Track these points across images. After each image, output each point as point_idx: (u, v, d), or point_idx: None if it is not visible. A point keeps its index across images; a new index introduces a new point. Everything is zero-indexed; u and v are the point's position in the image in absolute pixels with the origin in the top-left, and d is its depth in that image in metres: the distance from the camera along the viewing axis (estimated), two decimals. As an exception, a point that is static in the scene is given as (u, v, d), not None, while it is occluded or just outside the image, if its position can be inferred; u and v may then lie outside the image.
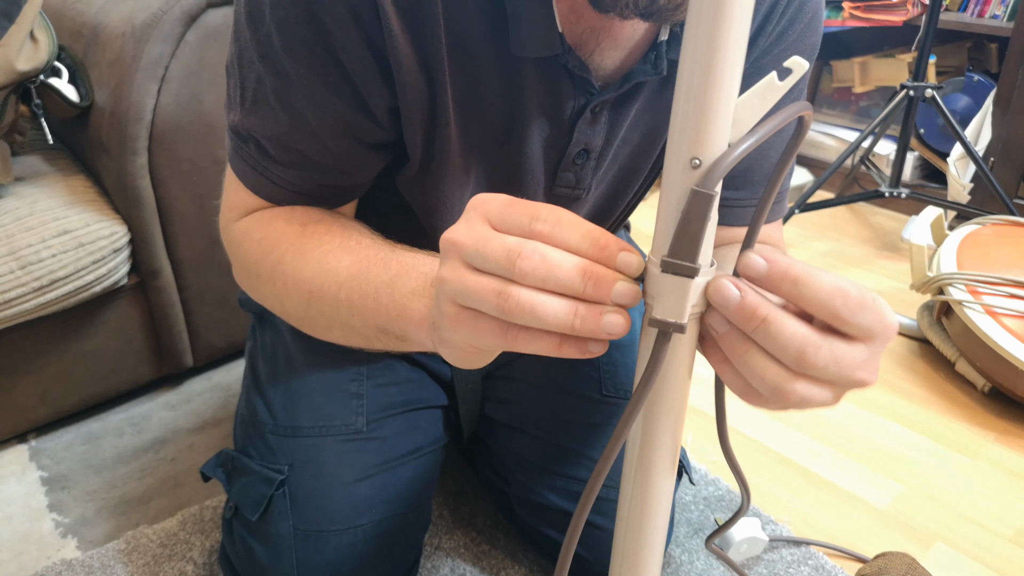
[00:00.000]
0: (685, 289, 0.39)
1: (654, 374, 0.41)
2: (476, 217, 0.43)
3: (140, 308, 1.21)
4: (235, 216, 0.72)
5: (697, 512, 1.07)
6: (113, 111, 1.08)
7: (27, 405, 1.16)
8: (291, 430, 0.83)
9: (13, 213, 1.07)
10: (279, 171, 0.67)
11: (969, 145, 1.80)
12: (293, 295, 0.66)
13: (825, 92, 2.50)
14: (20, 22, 1.03)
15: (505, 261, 0.40)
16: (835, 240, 2.02)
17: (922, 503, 1.12)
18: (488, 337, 0.43)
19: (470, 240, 0.42)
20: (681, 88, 0.38)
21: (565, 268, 0.39)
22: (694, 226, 0.37)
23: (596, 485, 0.43)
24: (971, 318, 1.31)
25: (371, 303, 0.59)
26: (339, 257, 0.63)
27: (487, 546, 1.00)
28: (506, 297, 0.40)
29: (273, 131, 0.65)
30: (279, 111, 0.64)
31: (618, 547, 0.53)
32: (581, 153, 0.70)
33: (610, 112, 0.68)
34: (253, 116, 0.65)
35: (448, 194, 0.72)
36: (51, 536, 1.02)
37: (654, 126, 0.72)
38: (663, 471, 0.48)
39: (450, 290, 0.43)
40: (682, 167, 0.38)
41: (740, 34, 0.36)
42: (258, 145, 0.67)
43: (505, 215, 0.42)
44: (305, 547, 0.78)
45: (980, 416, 1.31)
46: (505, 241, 0.40)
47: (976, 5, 2.06)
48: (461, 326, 0.44)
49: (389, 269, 0.58)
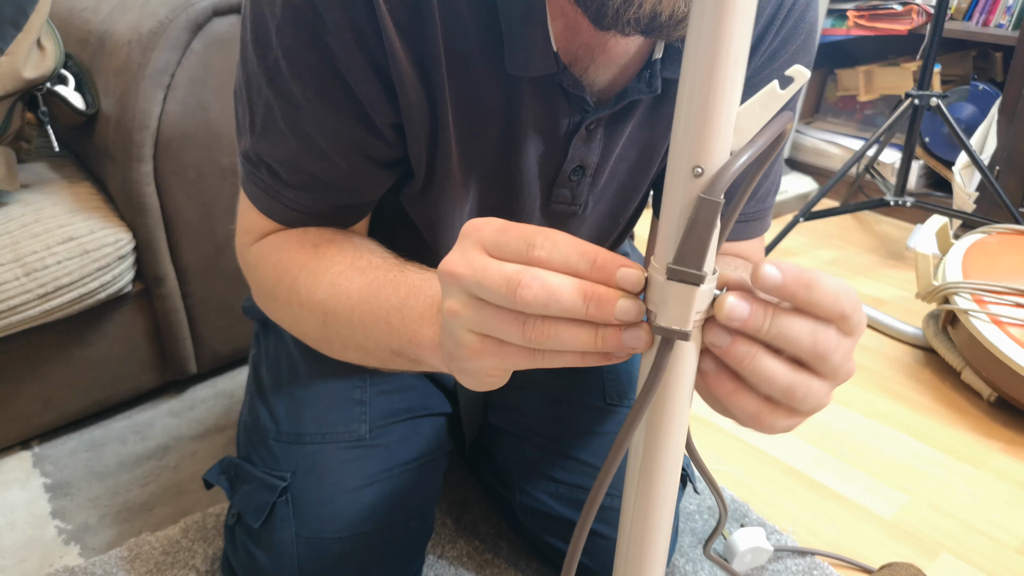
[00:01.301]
0: (691, 296, 0.39)
1: (656, 382, 0.41)
2: (471, 245, 0.43)
3: (144, 315, 1.21)
4: (250, 240, 0.73)
5: (701, 522, 1.06)
6: (119, 118, 1.09)
7: (31, 411, 1.16)
8: (294, 437, 0.83)
9: (19, 220, 1.07)
10: (291, 194, 0.68)
11: (974, 154, 1.80)
12: (309, 317, 0.66)
13: (830, 101, 2.50)
14: (27, 30, 1.03)
15: (506, 291, 0.40)
16: (840, 248, 2.02)
17: (928, 513, 1.11)
18: (515, 361, 0.43)
19: (468, 271, 0.42)
20: (683, 96, 0.38)
21: (566, 293, 0.39)
22: (701, 233, 0.37)
23: (599, 494, 0.43)
24: (977, 327, 1.31)
25: (383, 327, 0.59)
26: (350, 278, 0.63)
27: (490, 555, 1.00)
28: (532, 326, 0.41)
29: (284, 155, 0.66)
30: (290, 135, 0.65)
31: (620, 557, 0.52)
32: (577, 169, 0.70)
33: (605, 129, 0.68)
34: (264, 141, 0.66)
35: (448, 209, 0.73)
36: (54, 543, 1.02)
37: (651, 143, 0.72)
38: (666, 480, 0.47)
39: (467, 322, 0.43)
40: (685, 175, 0.38)
41: (742, 42, 0.36)
42: (270, 169, 0.67)
43: (501, 242, 0.42)
44: (308, 554, 0.78)
45: (986, 426, 1.31)
46: (503, 270, 0.40)
47: (981, 14, 2.06)
48: (486, 355, 0.44)
49: (399, 292, 0.59)
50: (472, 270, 0.41)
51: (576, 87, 0.63)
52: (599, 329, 0.40)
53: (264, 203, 0.70)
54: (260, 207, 0.71)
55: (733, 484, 1.15)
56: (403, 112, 0.64)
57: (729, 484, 1.14)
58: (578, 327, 0.40)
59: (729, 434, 1.26)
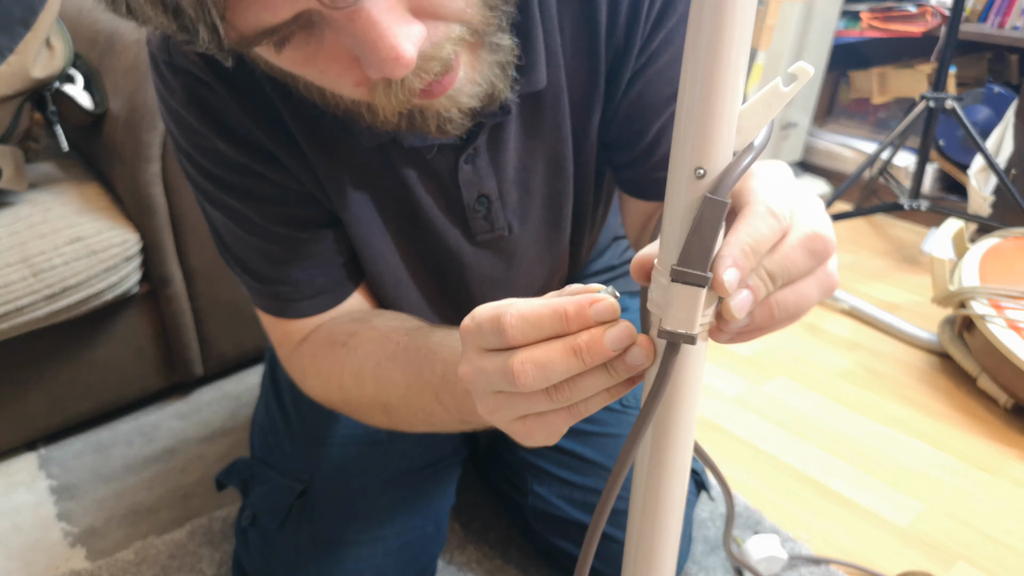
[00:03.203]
0: (696, 299, 0.38)
1: (663, 387, 0.40)
2: (468, 348, 0.44)
3: (151, 317, 1.20)
4: (287, 352, 0.75)
5: (714, 529, 1.05)
6: (127, 119, 1.08)
7: (37, 413, 1.15)
8: (313, 439, 0.83)
9: (27, 220, 1.07)
10: (287, 290, 0.70)
11: (990, 157, 1.78)
12: (370, 411, 0.68)
13: (843, 103, 2.48)
14: (36, 29, 1.03)
15: (508, 384, 0.41)
16: (853, 252, 2.00)
17: (944, 522, 1.09)
18: (560, 422, 0.44)
19: (477, 375, 0.43)
20: (684, 98, 0.37)
21: (556, 360, 0.40)
22: (706, 234, 0.37)
23: (609, 500, 0.43)
24: (994, 333, 1.29)
25: (440, 408, 0.60)
26: (388, 367, 0.64)
27: (500, 561, 0.99)
28: (554, 390, 0.41)
29: (258, 255, 0.69)
30: (250, 237, 0.69)
31: (629, 562, 0.51)
32: (480, 200, 0.70)
33: (487, 154, 0.67)
34: (236, 251, 0.70)
35: (384, 269, 0.73)
36: (60, 546, 1.02)
37: (554, 147, 0.70)
38: (674, 484, 0.47)
39: (506, 415, 0.44)
40: (687, 177, 0.37)
41: (742, 43, 0.35)
42: (258, 276, 0.70)
43: (480, 338, 0.43)
44: (325, 556, 0.78)
45: (1002, 433, 1.29)
46: (497, 366, 0.42)
47: (996, 16, 2.04)
48: (535, 431, 0.45)
49: (435, 371, 0.60)
50: (479, 374, 0.43)
51: (425, 140, 0.63)
52: (607, 366, 0.41)
53: (272, 306, 0.72)
54: (271, 311, 0.73)
55: (746, 491, 1.13)
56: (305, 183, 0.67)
57: (742, 491, 1.13)
58: (590, 374, 0.41)
59: (742, 441, 1.25)
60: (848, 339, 1.58)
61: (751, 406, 1.35)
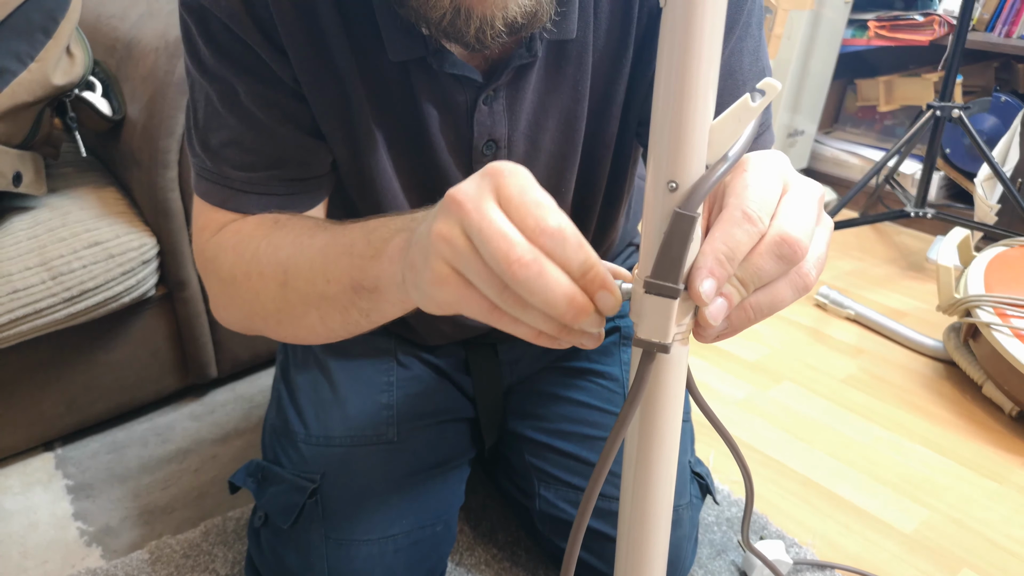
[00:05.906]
0: (668, 310, 0.40)
1: (639, 394, 0.41)
2: (488, 186, 0.41)
3: (167, 319, 1.22)
4: (208, 235, 0.72)
5: (720, 533, 1.06)
6: (145, 125, 1.10)
7: (54, 413, 1.17)
8: (324, 439, 0.84)
9: (46, 224, 1.09)
10: (242, 176, 0.69)
11: (997, 166, 1.79)
12: (269, 283, 0.64)
13: (849, 111, 2.49)
14: (57, 37, 1.04)
15: (502, 259, 0.39)
16: (859, 260, 2.01)
17: (949, 528, 1.10)
18: (474, 308, 0.43)
19: (475, 213, 0.40)
20: (657, 113, 0.38)
21: (555, 292, 0.39)
22: (676, 248, 0.38)
23: (591, 501, 0.44)
24: (999, 341, 1.30)
25: (345, 259, 0.57)
26: (313, 234, 0.63)
27: (508, 563, 1.00)
28: (511, 293, 0.41)
29: (229, 136, 0.68)
30: (229, 115, 0.67)
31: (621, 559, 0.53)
32: (489, 144, 0.71)
33: (505, 99, 0.69)
34: (208, 129, 0.69)
35: (381, 196, 0.74)
36: (76, 544, 1.03)
37: (569, 108, 0.72)
38: (661, 486, 0.49)
39: (447, 254, 0.42)
40: (661, 190, 0.39)
41: (712, 58, 0.36)
42: (217, 158, 0.69)
43: (516, 204, 0.40)
44: (337, 555, 0.78)
45: (1007, 440, 1.30)
46: (509, 236, 0.39)
47: (1004, 25, 2.04)
48: (448, 289, 0.43)
49: (367, 224, 0.58)
50: (479, 215, 0.40)
51: (454, 66, 0.65)
52: (562, 324, 0.42)
53: (217, 194, 0.70)
54: (213, 200, 0.70)
55: (755, 495, 1.14)
56: (305, 86, 0.67)
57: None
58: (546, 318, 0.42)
59: (748, 445, 1.26)
60: (854, 345, 1.59)
61: (757, 411, 1.36)
